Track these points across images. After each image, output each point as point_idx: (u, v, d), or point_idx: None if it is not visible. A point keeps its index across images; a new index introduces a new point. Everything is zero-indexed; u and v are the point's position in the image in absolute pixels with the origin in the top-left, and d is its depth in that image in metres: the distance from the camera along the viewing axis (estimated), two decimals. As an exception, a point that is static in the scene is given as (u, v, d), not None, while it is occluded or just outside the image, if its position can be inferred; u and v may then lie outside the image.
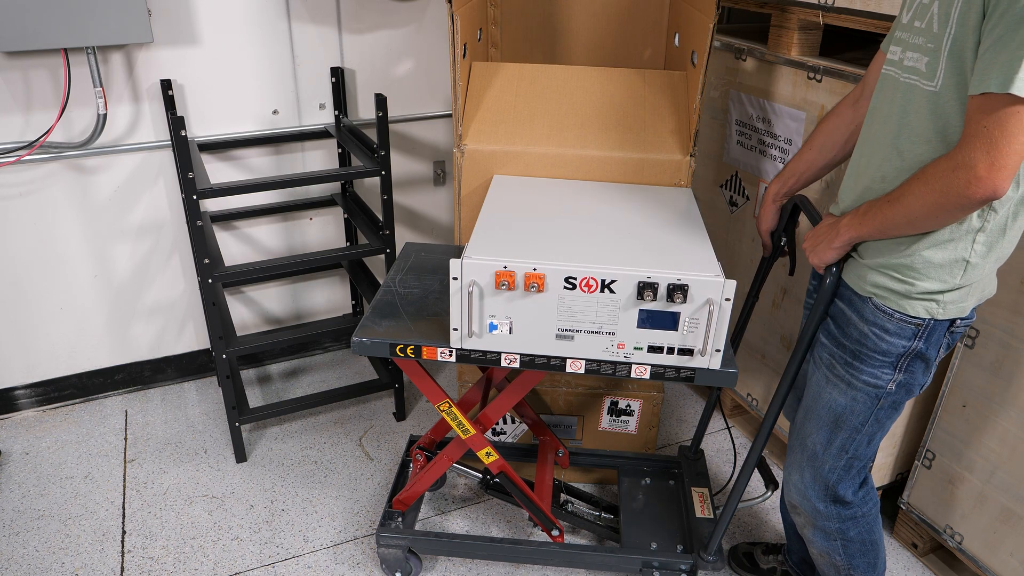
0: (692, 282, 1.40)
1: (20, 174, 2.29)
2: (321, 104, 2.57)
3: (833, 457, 1.48)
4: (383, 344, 1.56)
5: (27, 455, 2.38)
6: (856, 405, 1.41)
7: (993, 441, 1.75)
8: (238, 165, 2.55)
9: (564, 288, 1.43)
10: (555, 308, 1.45)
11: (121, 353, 2.66)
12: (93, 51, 2.14)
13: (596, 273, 1.41)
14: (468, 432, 1.74)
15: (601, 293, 1.43)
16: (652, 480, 2.08)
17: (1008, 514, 1.74)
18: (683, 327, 1.45)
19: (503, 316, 1.47)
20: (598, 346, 1.49)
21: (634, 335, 1.47)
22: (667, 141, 1.83)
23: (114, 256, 2.50)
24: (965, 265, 1.25)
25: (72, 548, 2.04)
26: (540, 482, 1.95)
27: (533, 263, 1.42)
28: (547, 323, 1.47)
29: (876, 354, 1.35)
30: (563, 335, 1.48)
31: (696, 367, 1.48)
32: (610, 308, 1.44)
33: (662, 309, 1.43)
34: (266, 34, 2.41)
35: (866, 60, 1.91)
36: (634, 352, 1.48)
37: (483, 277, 1.43)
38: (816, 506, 1.54)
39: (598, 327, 1.47)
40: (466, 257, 1.43)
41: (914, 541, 2.03)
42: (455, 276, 1.44)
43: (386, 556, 1.90)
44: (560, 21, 2.22)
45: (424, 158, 2.80)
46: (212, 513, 2.16)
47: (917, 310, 1.29)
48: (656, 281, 1.40)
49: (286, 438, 2.47)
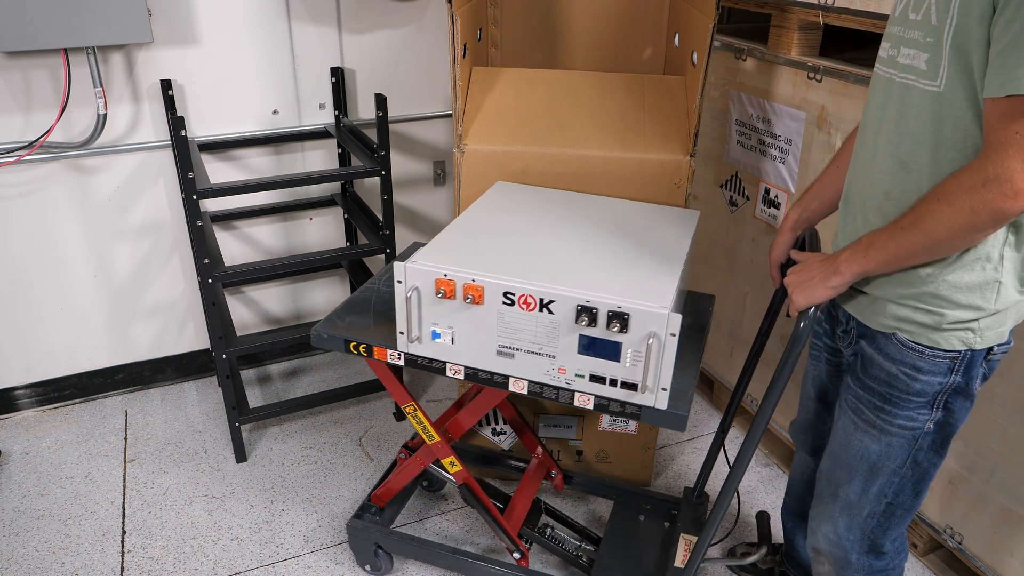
0: (634, 311, 1.29)
1: (20, 174, 2.29)
2: (321, 104, 2.57)
3: (871, 504, 1.33)
4: (339, 339, 1.57)
5: (27, 455, 2.38)
6: (891, 451, 1.26)
7: (993, 441, 1.75)
8: (238, 165, 2.55)
9: (503, 303, 1.37)
10: (495, 323, 1.40)
11: (121, 353, 2.66)
12: (93, 51, 2.14)
13: (535, 291, 1.35)
14: (432, 439, 1.73)
15: (540, 312, 1.36)
16: (647, 519, 1.95)
17: (1008, 514, 1.74)
18: (626, 359, 1.34)
19: (445, 325, 1.45)
20: (539, 368, 1.42)
21: (575, 361, 1.38)
22: (667, 141, 1.83)
23: (114, 256, 2.50)
24: (998, 286, 1.11)
25: (72, 548, 2.04)
26: (517, 500, 1.88)
27: (473, 274, 1.38)
28: (488, 338, 1.42)
29: (909, 395, 1.20)
30: (503, 352, 1.43)
31: (641, 404, 1.37)
32: (549, 329, 1.37)
33: (604, 337, 1.34)
34: (266, 34, 2.41)
35: (866, 60, 1.91)
36: (576, 379, 1.40)
37: (425, 283, 1.41)
38: (850, 558, 1.39)
39: (538, 348, 1.40)
40: (410, 261, 1.42)
41: (914, 541, 2.03)
42: (399, 279, 1.42)
43: (355, 547, 1.95)
44: (560, 21, 2.22)
45: (424, 158, 2.80)
46: (212, 513, 2.16)
47: (951, 342, 1.14)
48: (595, 306, 1.31)
49: (286, 438, 2.47)
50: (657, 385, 1.34)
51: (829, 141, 1.91)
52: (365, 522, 1.91)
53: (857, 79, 1.80)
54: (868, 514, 1.34)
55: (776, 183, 2.11)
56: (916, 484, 1.29)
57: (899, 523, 1.34)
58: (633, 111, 1.90)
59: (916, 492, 1.30)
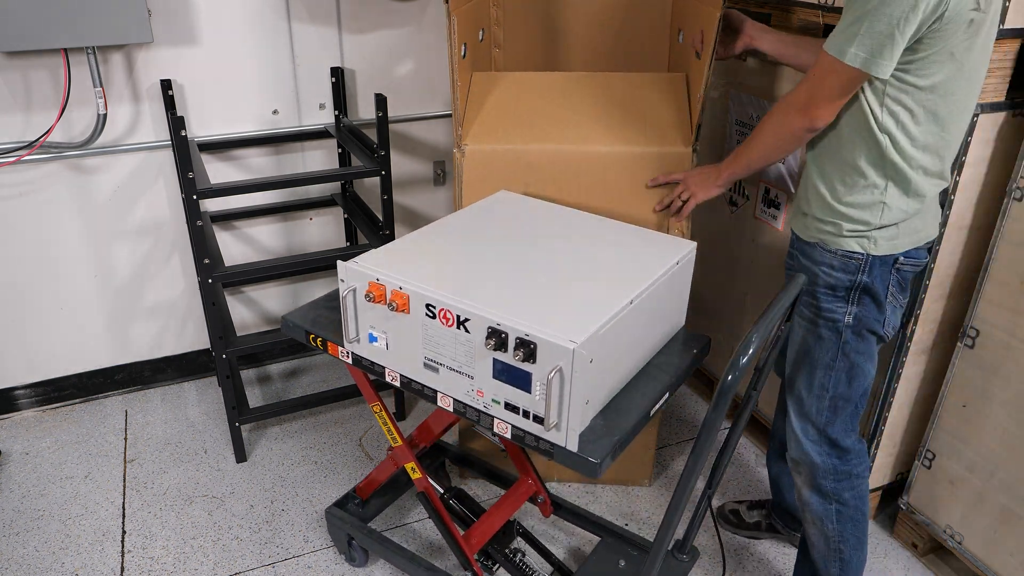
0: (540, 341, 1.21)
1: (20, 174, 2.29)
2: (321, 104, 2.57)
3: (816, 399, 1.57)
4: (300, 329, 1.59)
5: (27, 455, 2.38)
6: (822, 342, 1.53)
7: (993, 441, 1.75)
8: (238, 165, 2.55)
9: (426, 315, 1.34)
10: (420, 334, 1.37)
11: (121, 353, 2.66)
12: (93, 51, 2.14)
13: (453, 307, 1.30)
14: (396, 442, 1.71)
15: (457, 329, 1.31)
16: (627, 565, 1.78)
17: (1008, 514, 1.74)
18: (536, 391, 1.26)
19: (380, 330, 1.44)
20: (460, 387, 1.37)
21: (491, 386, 1.32)
22: (668, 134, 1.83)
23: (114, 256, 2.50)
24: (883, 207, 1.42)
25: (72, 548, 2.04)
26: (489, 517, 1.79)
27: (401, 281, 1.36)
28: (415, 348, 1.39)
29: (828, 288, 1.50)
30: (429, 364, 1.39)
31: (552, 442, 1.27)
32: (467, 349, 1.31)
33: (515, 364, 1.26)
34: (266, 34, 2.41)
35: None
36: (492, 404, 1.33)
37: (361, 285, 1.41)
38: (814, 459, 1.61)
39: (459, 366, 1.34)
40: (352, 262, 1.43)
41: (914, 541, 2.03)
42: (341, 278, 1.43)
43: (332, 534, 1.97)
44: (563, 21, 2.22)
45: (424, 158, 2.80)
46: (212, 513, 2.16)
47: (852, 246, 1.46)
48: (504, 330, 1.25)
49: (286, 438, 2.47)
50: (563, 423, 1.24)
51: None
52: (342, 512, 1.93)
53: (857, 79, 1.80)
54: (816, 410, 1.58)
55: (776, 183, 2.11)
56: (848, 374, 1.54)
57: (843, 414, 1.58)
58: (634, 107, 1.90)
59: (849, 382, 1.55)
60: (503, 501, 1.83)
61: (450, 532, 1.69)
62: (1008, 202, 1.63)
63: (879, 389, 1.93)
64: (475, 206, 1.74)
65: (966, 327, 1.77)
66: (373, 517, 2.00)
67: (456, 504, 1.91)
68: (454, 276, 1.41)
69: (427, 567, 1.77)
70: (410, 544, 2.05)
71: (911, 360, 1.87)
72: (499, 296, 1.33)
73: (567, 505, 1.94)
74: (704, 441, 1.28)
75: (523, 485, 1.88)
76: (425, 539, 2.07)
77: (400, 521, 2.13)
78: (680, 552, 1.73)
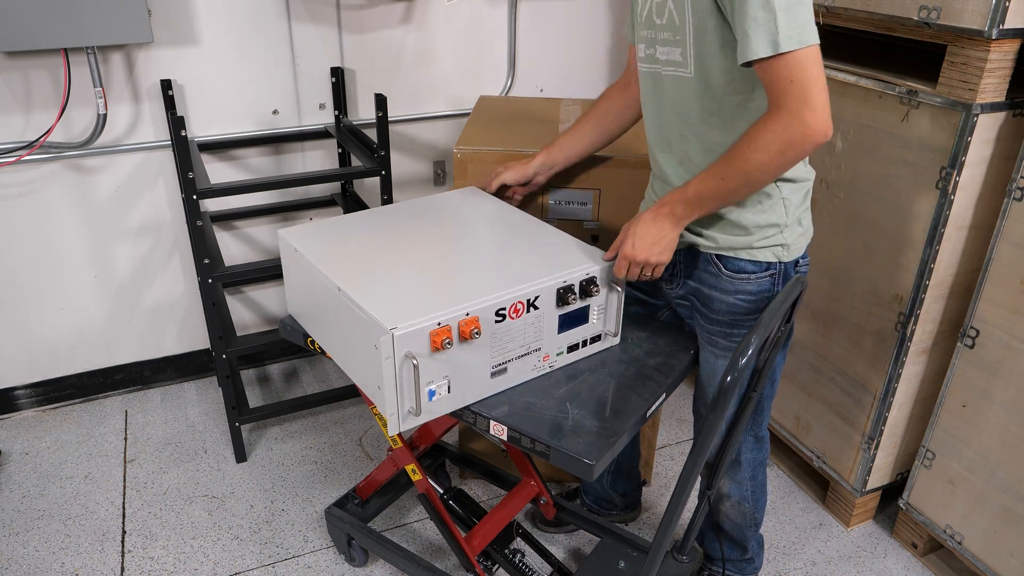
0: (597, 274, 1.39)
1: (20, 174, 2.29)
2: (321, 104, 2.57)
3: None
4: (299, 333, 1.58)
5: (27, 455, 2.38)
6: None
7: (993, 441, 1.75)
8: (238, 165, 2.55)
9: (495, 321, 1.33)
10: (488, 345, 1.32)
11: (121, 353, 2.65)
12: (93, 51, 2.14)
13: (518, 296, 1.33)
14: (396, 444, 1.69)
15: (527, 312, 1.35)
16: (627, 566, 1.78)
17: (1008, 514, 1.74)
18: (593, 316, 1.45)
19: (441, 376, 1.33)
20: (527, 368, 1.40)
21: (555, 343, 1.43)
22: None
23: (114, 256, 2.50)
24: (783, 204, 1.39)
25: (72, 548, 2.04)
26: (491, 519, 1.78)
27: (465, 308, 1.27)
28: (483, 365, 1.34)
29: (748, 316, 1.46)
30: (496, 371, 1.36)
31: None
32: (536, 324, 1.38)
33: (577, 307, 1.41)
34: (266, 34, 2.41)
35: (866, 60, 1.91)
36: (556, 358, 1.46)
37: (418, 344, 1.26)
38: (740, 458, 1.66)
39: (527, 348, 1.38)
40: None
41: (914, 541, 2.03)
42: (387, 356, 1.23)
43: (332, 534, 1.98)
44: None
45: (424, 158, 2.80)
46: (212, 513, 2.16)
47: (766, 256, 1.42)
48: (569, 283, 1.37)
49: (286, 438, 2.47)
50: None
51: (828, 141, 1.91)
52: (342, 512, 1.93)
53: (857, 79, 1.80)
54: (749, 421, 1.61)
55: (776, 183, 2.11)
56: (772, 378, 1.57)
57: (768, 410, 1.65)
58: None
59: (772, 384, 1.59)
60: (505, 502, 1.83)
61: (452, 533, 1.69)
62: (1008, 202, 1.63)
63: (879, 389, 1.93)
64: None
65: (966, 327, 1.77)
66: (373, 517, 2.00)
67: (456, 505, 1.91)
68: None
69: (426, 567, 1.77)
70: (410, 544, 2.05)
71: (911, 360, 1.87)
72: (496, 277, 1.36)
73: (572, 507, 1.93)
74: (702, 443, 1.28)
75: (525, 487, 1.88)
76: (425, 539, 2.07)
77: (400, 521, 2.13)
78: (680, 553, 1.72)
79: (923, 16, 1.61)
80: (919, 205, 1.73)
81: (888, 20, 1.70)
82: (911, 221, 1.76)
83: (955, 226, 1.72)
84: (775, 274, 1.43)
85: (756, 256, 1.42)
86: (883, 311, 1.88)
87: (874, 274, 1.88)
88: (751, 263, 1.42)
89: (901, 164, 1.75)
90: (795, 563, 2.03)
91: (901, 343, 1.85)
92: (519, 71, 2.79)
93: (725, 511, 1.76)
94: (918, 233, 1.75)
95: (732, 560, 1.86)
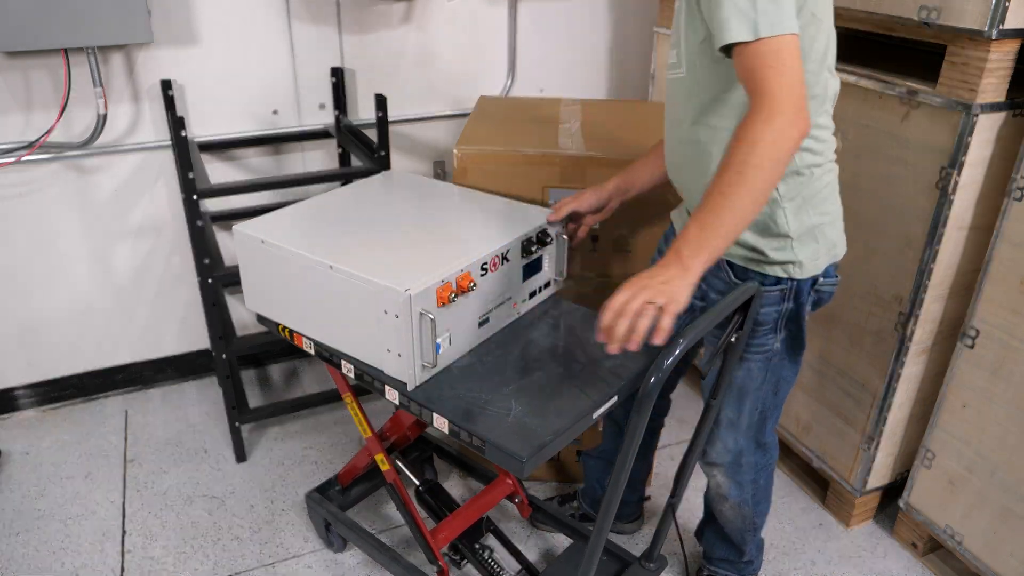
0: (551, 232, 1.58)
1: (20, 174, 2.29)
2: (321, 104, 2.57)
3: (748, 417, 1.57)
4: (272, 322, 1.61)
5: (27, 455, 2.38)
6: (752, 374, 1.51)
7: (993, 441, 1.75)
8: (238, 165, 2.55)
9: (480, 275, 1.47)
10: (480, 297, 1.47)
11: (121, 353, 2.65)
12: (93, 51, 2.14)
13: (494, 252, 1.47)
14: (366, 433, 1.71)
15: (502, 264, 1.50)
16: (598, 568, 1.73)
17: (1008, 514, 1.74)
18: (545, 265, 1.62)
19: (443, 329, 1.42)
20: (504, 316, 1.56)
21: (521, 289, 1.58)
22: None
23: (114, 256, 2.50)
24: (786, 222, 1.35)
25: (72, 548, 2.04)
26: (461, 512, 1.79)
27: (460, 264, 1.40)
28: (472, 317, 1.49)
29: (756, 327, 1.43)
30: (483, 322, 1.51)
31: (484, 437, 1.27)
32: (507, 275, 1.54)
33: (536, 256, 1.57)
34: (266, 34, 2.41)
35: (866, 60, 1.91)
36: (522, 304, 1.60)
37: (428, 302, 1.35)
38: (742, 460, 1.63)
39: (503, 297, 1.54)
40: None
41: (914, 541, 2.03)
42: (397, 313, 1.33)
43: (312, 519, 2.04)
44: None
45: (424, 158, 2.80)
46: (212, 513, 2.16)
47: (776, 271, 1.38)
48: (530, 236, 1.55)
49: (286, 438, 2.47)
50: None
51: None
52: (321, 497, 1.95)
53: (858, 79, 1.80)
54: (748, 425, 1.58)
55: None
56: (775, 388, 1.54)
57: (772, 418, 1.61)
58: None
59: (776, 393, 1.56)
60: (477, 498, 1.84)
61: (416, 525, 1.70)
62: (1008, 202, 1.63)
63: (879, 389, 1.93)
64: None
65: (966, 327, 1.77)
66: (353, 504, 2.04)
67: (429, 498, 1.91)
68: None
69: (394, 556, 1.78)
70: (394, 536, 2.05)
71: (911, 360, 1.87)
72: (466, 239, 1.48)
73: (546, 506, 1.92)
74: (627, 446, 1.21)
75: (500, 483, 1.87)
76: (407, 531, 2.07)
77: (386, 512, 2.13)
78: (648, 560, 1.71)
79: (923, 16, 1.61)
80: (919, 205, 1.73)
81: (888, 20, 1.70)
82: (911, 221, 1.76)
83: (955, 226, 1.72)
84: (785, 291, 1.39)
85: (766, 270, 1.39)
86: (883, 311, 1.88)
87: (874, 274, 1.88)
88: (759, 275, 1.40)
89: (901, 164, 1.75)
90: (795, 563, 2.03)
91: (901, 343, 1.85)
92: (519, 71, 2.79)
93: (724, 512, 1.76)
94: (918, 233, 1.75)
95: (730, 561, 1.86)
